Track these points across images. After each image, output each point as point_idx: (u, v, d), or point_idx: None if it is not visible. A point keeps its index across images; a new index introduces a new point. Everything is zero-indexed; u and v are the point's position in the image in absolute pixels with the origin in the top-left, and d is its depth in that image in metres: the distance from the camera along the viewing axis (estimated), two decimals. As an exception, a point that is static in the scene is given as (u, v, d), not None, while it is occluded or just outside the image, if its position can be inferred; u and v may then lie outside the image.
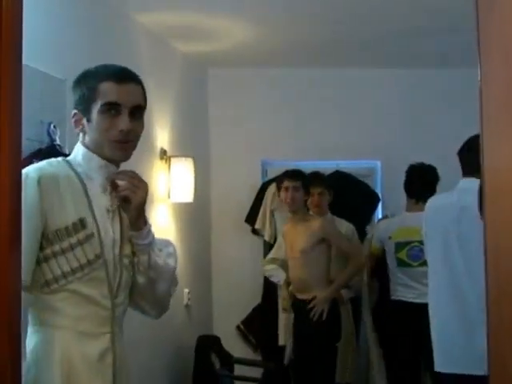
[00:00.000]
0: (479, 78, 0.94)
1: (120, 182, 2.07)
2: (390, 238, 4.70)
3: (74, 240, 1.95)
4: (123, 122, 2.01)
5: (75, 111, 2.06)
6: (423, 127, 5.69)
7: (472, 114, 2.83)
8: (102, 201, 2.06)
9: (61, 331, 1.95)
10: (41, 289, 1.93)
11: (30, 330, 1.98)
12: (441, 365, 3.33)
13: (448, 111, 5.66)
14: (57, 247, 1.93)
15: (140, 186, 2.07)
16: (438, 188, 4.72)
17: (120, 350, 2.06)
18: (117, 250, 2.06)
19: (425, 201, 4.56)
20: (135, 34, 4.23)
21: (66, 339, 1.95)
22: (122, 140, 2.03)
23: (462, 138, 5.60)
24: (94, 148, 2.06)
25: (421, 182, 4.65)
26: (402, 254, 4.63)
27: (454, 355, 3.25)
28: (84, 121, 2.05)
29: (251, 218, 5.54)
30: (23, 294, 1.84)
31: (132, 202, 2.06)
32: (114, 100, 2.01)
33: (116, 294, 2.05)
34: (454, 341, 3.24)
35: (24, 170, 1.94)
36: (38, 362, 1.92)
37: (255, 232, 5.58)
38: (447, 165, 5.42)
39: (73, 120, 2.07)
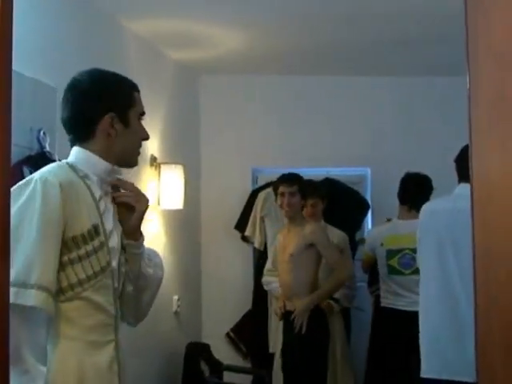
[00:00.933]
0: (468, 83, 0.95)
1: (122, 190, 2.12)
2: (381, 244, 4.70)
3: (89, 247, 1.94)
4: (146, 132, 2.16)
5: (113, 114, 2.05)
6: (414, 135, 5.72)
7: (463, 123, 2.86)
8: (108, 206, 2.06)
9: (74, 342, 1.94)
10: (56, 297, 1.90)
11: None
12: (429, 371, 3.31)
13: (439, 119, 5.68)
14: (74, 254, 1.92)
15: (142, 196, 2.15)
16: (433, 197, 4.74)
17: (122, 358, 2.07)
18: (120, 258, 2.07)
19: (418, 209, 4.58)
20: (126, 41, 4.23)
21: (79, 350, 1.94)
22: (140, 147, 2.16)
23: (452, 146, 5.61)
24: (108, 153, 2.06)
25: (416, 190, 4.64)
26: (394, 262, 4.63)
27: (443, 361, 3.24)
28: (119, 125, 2.06)
29: (241, 224, 5.53)
30: (52, 302, 1.85)
31: (136, 210, 2.10)
32: (144, 110, 2.15)
33: (117, 302, 2.07)
34: (444, 347, 3.24)
35: (37, 174, 1.94)
36: (53, 373, 1.90)
37: (245, 239, 5.58)
38: (437, 172, 5.47)
39: (107, 122, 2.04)
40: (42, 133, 2.94)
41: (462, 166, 3.43)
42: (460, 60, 2.53)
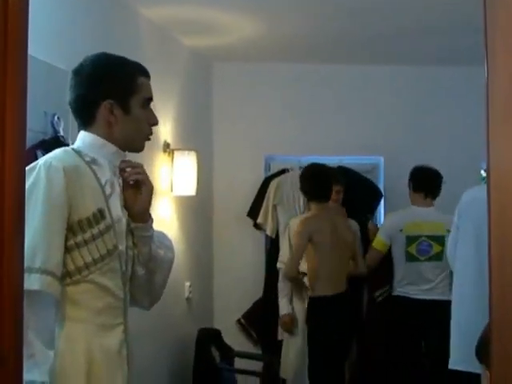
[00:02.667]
0: (485, 73, 0.94)
1: (128, 169, 2.11)
2: (401, 231, 4.68)
3: (95, 231, 1.95)
4: (155, 117, 2.15)
5: (111, 101, 2.04)
6: (427, 124, 5.69)
7: (476, 112, 2.84)
8: (115, 189, 2.06)
9: (82, 325, 1.95)
10: (63, 280, 1.92)
11: None
12: (458, 362, 3.26)
13: (452, 109, 5.66)
14: (79, 238, 1.93)
15: (147, 176, 2.14)
16: (444, 187, 4.76)
17: (130, 342, 2.08)
18: (128, 241, 2.08)
19: (433, 197, 4.62)
20: (140, 28, 4.22)
21: (87, 333, 1.95)
22: (150, 133, 2.15)
23: (465, 135, 5.62)
24: (111, 138, 2.07)
25: (430, 178, 4.70)
26: (412, 248, 4.63)
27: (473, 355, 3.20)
28: (119, 112, 2.05)
29: (253, 212, 5.53)
30: (58, 286, 1.87)
31: (144, 190, 2.09)
32: (151, 95, 2.14)
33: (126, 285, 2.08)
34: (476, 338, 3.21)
35: (41, 160, 1.95)
36: (62, 356, 1.91)
37: (257, 226, 5.59)
38: (449, 161, 5.46)
39: (106, 109, 2.05)
40: (56, 117, 2.95)
41: None
42: (475, 50, 2.51)
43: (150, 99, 2.14)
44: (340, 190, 4.90)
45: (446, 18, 4.26)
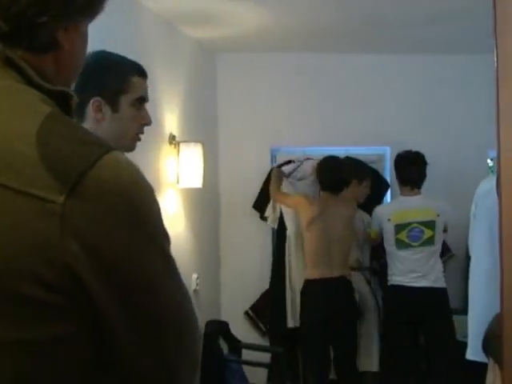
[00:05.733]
0: (495, 62, 0.93)
1: None
2: (388, 220, 4.75)
3: None
4: (148, 117, 2.14)
5: (99, 99, 2.05)
6: (434, 114, 5.66)
7: (484, 101, 2.83)
8: None
9: None
10: None
11: None
12: (475, 353, 3.24)
13: (460, 98, 5.64)
14: None
15: None
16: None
17: None
18: None
19: (419, 186, 4.71)
20: (144, 19, 4.21)
21: None
22: (142, 132, 2.14)
23: (472, 124, 5.60)
24: (104, 137, 2.06)
25: (412, 169, 4.76)
26: (402, 235, 4.69)
27: None
28: (107, 110, 2.06)
29: (259, 204, 5.53)
30: None
31: None
32: (144, 95, 2.13)
33: None
34: None
35: None
36: None
37: (264, 218, 5.58)
38: (456, 151, 5.45)
39: (93, 106, 2.06)
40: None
41: None
42: (482, 37, 2.50)
43: (143, 99, 2.14)
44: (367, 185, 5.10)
45: (453, 5, 4.23)
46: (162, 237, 1.03)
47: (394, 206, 4.86)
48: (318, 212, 4.62)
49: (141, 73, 2.13)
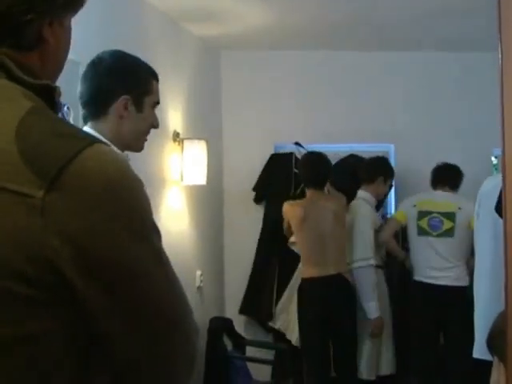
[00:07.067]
0: (499, 61, 0.93)
1: None
2: (414, 206, 4.82)
3: None
4: (157, 120, 2.19)
5: (128, 97, 2.08)
6: (438, 112, 5.65)
7: (489, 99, 2.82)
8: None
9: None
10: None
11: None
12: (482, 352, 3.23)
13: (464, 96, 5.61)
14: None
15: None
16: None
17: None
18: None
19: (451, 186, 4.77)
20: (148, 17, 4.21)
21: None
22: (149, 133, 2.19)
23: (476, 121, 5.59)
24: (119, 133, 2.09)
25: (449, 179, 4.84)
26: (423, 222, 4.74)
27: None
28: (132, 109, 2.09)
29: (259, 187, 5.55)
30: None
31: None
32: (159, 99, 2.20)
33: None
34: None
35: None
36: None
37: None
38: (460, 148, 5.44)
39: (121, 104, 2.08)
40: (66, 108, 2.94)
41: None
42: (487, 35, 2.49)
43: (158, 102, 2.20)
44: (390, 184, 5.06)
45: (458, 2, 4.23)
46: (150, 230, 1.01)
47: (422, 195, 4.91)
48: (305, 212, 4.53)
49: (157, 77, 2.19)
